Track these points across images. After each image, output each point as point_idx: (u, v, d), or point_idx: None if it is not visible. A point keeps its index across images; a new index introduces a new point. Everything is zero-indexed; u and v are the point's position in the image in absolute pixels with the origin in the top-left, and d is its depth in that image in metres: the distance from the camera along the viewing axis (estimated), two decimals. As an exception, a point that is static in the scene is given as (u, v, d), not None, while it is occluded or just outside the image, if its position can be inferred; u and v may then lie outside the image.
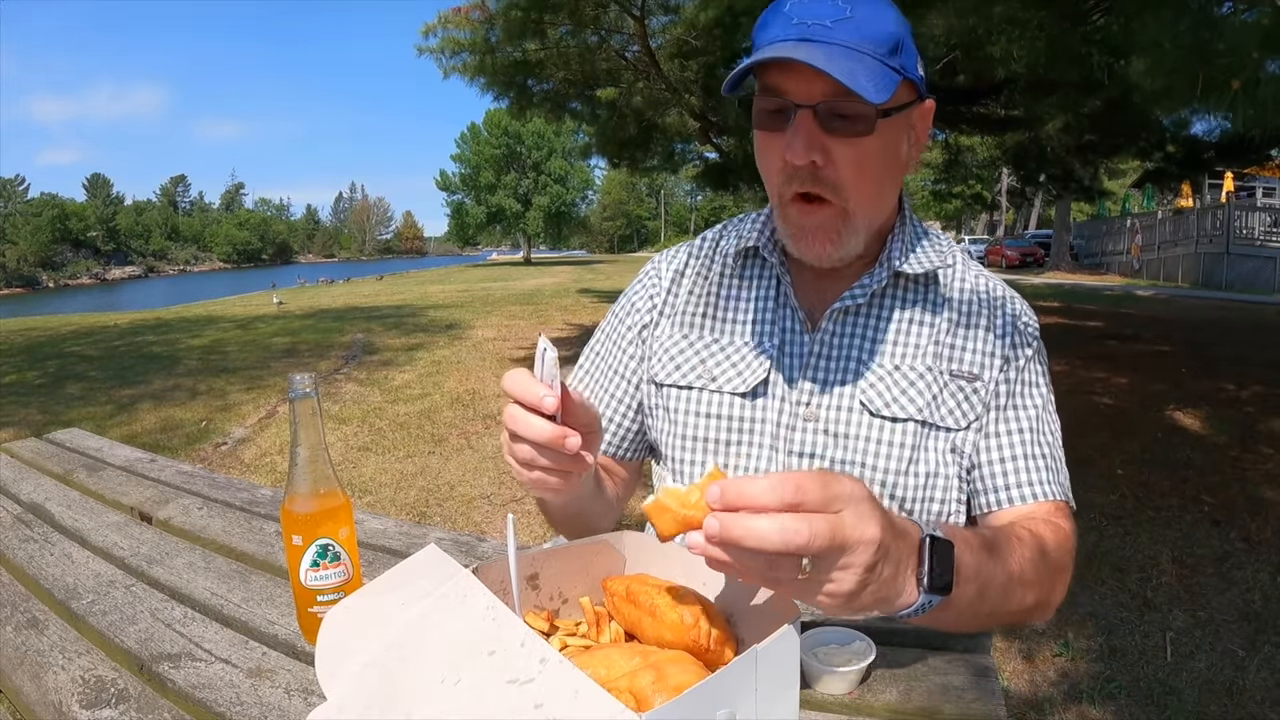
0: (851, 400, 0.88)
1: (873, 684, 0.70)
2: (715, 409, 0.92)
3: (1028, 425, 0.87)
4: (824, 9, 0.77)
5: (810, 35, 0.76)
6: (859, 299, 0.88)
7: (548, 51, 7.11)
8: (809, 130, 0.78)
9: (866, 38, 0.77)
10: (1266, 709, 2.17)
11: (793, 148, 0.78)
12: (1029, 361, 0.89)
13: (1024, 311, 0.92)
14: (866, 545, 0.52)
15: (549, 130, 40.88)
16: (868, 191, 0.82)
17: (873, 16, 0.77)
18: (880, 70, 0.76)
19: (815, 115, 0.77)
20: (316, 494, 0.77)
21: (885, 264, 0.89)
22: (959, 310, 0.90)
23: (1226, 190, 19.12)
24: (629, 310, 1.02)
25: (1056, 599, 0.77)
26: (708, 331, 0.96)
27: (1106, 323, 10.08)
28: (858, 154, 0.79)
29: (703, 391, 0.93)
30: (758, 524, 0.49)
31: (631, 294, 1.03)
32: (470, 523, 3.68)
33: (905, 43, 0.80)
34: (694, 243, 1.04)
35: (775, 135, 0.81)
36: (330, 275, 36.14)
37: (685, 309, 0.98)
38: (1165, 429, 4.86)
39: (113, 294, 48.91)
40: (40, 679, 0.75)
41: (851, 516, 0.51)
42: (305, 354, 8.44)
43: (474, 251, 72.48)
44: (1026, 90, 5.94)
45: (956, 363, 0.88)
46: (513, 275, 27.03)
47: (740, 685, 0.52)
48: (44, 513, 1.21)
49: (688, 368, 0.94)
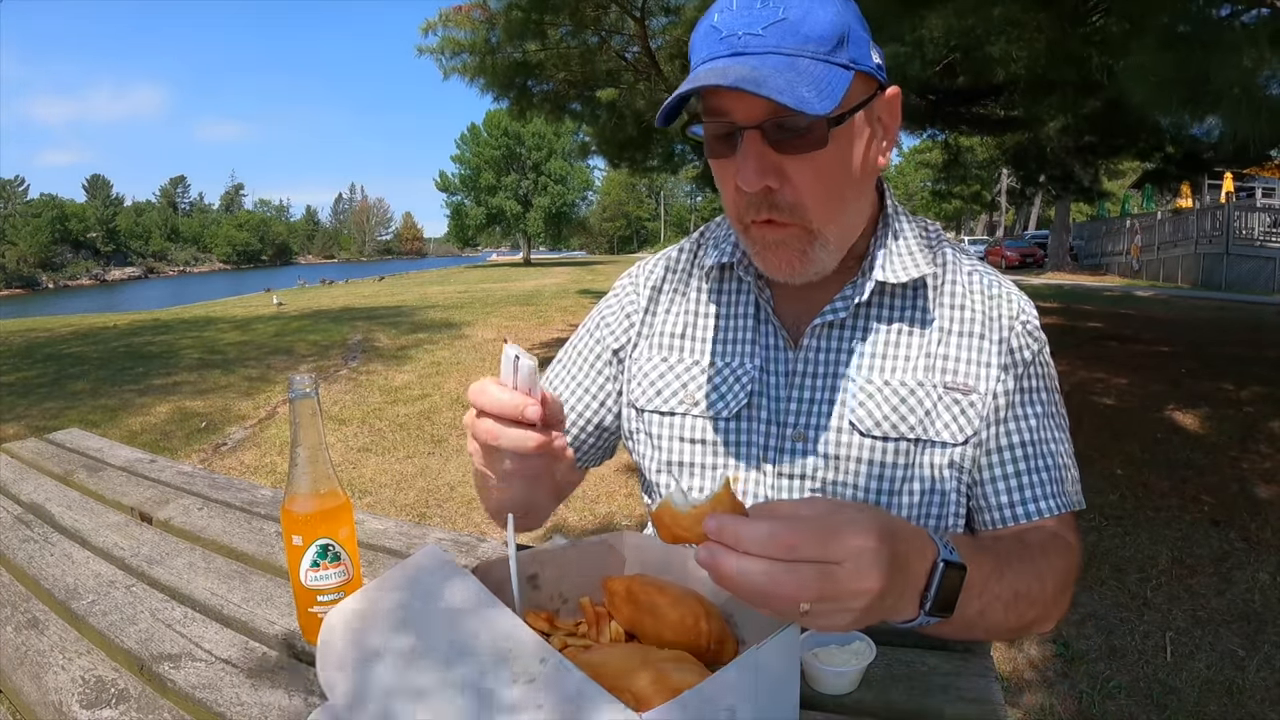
0: (840, 420, 0.83)
1: (873, 684, 0.70)
2: (699, 434, 0.88)
3: (1029, 438, 0.82)
4: (753, 16, 0.70)
5: (742, 48, 0.70)
6: (840, 313, 0.83)
7: (548, 52, 7.12)
8: (758, 152, 0.72)
9: (805, 38, 0.69)
10: (1266, 708, 2.17)
11: (743, 174, 0.72)
12: (1029, 366, 0.83)
13: (1023, 309, 0.85)
14: (863, 595, 0.51)
15: (549, 131, 40.85)
16: (832, 207, 0.76)
17: (808, 11, 0.70)
18: (825, 72, 0.70)
19: (763, 135, 0.71)
20: (316, 494, 0.77)
21: (867, 273, 0.83)
22: (951, 317, 0.84)
23: (1226, 190, 19.12)
24: (603, 328, 0.98)
25: (1058, 614, 0.75)
26: (687, 353, 0.91)
27: (1106, 323, 10.07)
28: (814, 169, 0.73)
29: (685, 416, 0.89)
30: (747, 566, 0.49)
31: (606, 310, 0.99)
32: (470, 523, 3.68)
33: (852, 31, 0.72)
34: (671, 254, 0.99)
35: (727, 161, 0.75)
36: (330, 276, 36.14)
37: (664, 329, 0.93)
38: (1165, 429, 4.86)
39: (112, 295, 48.88)
40: (40, 679, 0.75)
41: (850, 569, 0.51)
42: (305, 354, 8.44)
43: (474, 252, 72.47)
44: (1026, 91, 5.94)
45: (950, 374, 0.82)
46: (512, 276, 27.03)
47: (740, 685, 0.52)
48: (44, 513, 1.21)
49: (669, 393, 0.90)
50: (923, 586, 0.58)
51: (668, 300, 0.95)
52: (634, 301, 0.96)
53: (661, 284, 0.96)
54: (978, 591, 0.64)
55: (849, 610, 0.52)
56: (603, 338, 0.97)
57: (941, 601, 0.58)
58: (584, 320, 1.02)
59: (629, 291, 0.98)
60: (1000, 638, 0.74)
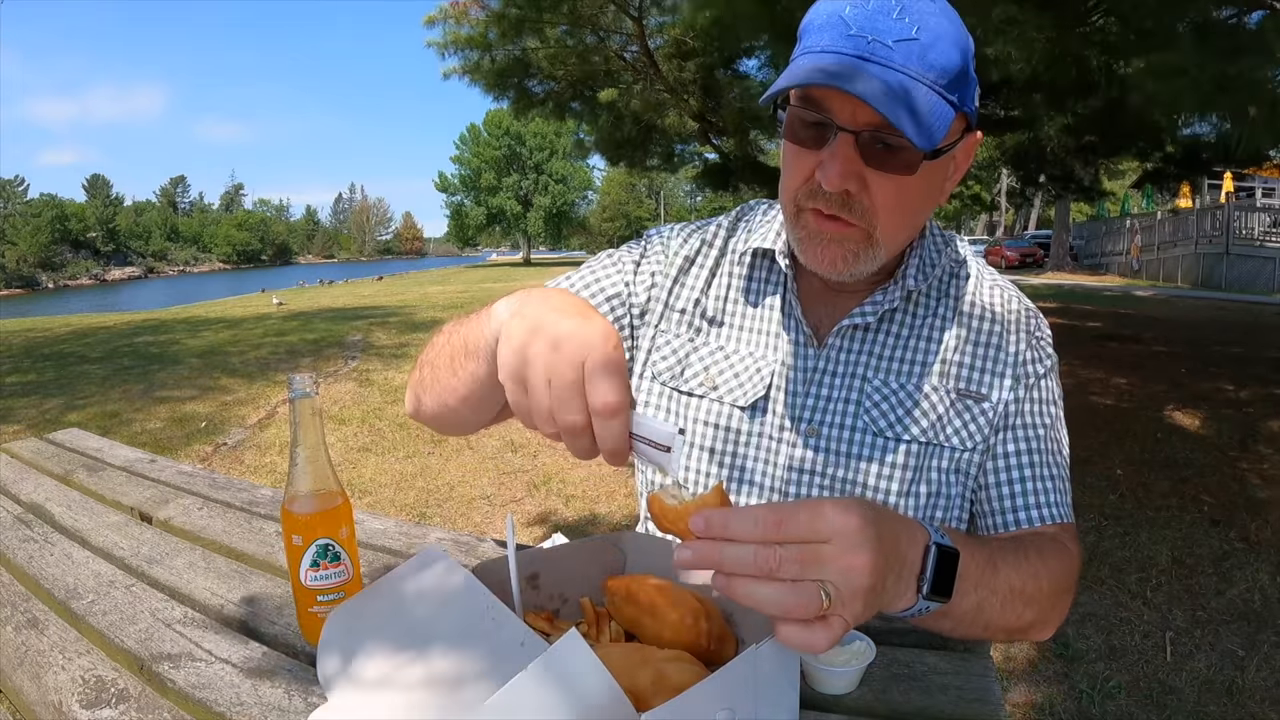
0: (855, 419, 0.85)
1: (872, 684, 0.70)
2: (715, 418, 0.89)
3: (1037, 445, 0.83)
4: (888, 25, 0.68)
5: (868, 53, 0.68)
6: (869, 317, 0.85)
7: (547, 51, 7.12)
8: (847, 157, 0.71)
9: (930, 65, 0.69)
10: (1266, 708, 2.17)
11: (827, 172, 0.71)
12: (1040, 379, 0.86)
13: (1039, 326, 0.88)
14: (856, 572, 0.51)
15: (551, 130, 40.90)
16: (900, 225, 0.78)
17: (940, 40, 0.69)
18: (938, 106, 0.69)
19: (857, 142, 0.71)
20: (316, 494, 0.77)
21: (900, 282, 0.85)
22: (970, 327, 0.87)
23: (1226, 190, 19.12)
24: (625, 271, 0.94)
25: (1057, 619, 0.76)
26: (713, 337, 0.92)
27: (1105, 323, 10.07)
28: (896, 189, 0.73)
29: (704, 400, 0.90)
30: (734, 552, 0.50)
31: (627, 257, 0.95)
32: (470, 523, 3.68)
33: (968, 72, 0.73)
34: (707, 228, 0.96)
35: (808, 151, 0.74)
36: (330, 276, 36.13)
37: (691, 306, 0.93)
38: (1164, 429, 4.86)
39: (112, 295, 48.87)
40: (40, 679, 0.75)
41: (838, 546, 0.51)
42: (305, 354, 8.43)
43: (474, 252, 72.55)
44: (1025, 91, 5.95)
45: (965, 381, 0.84)
46: (513, 276, 27.01)
47: (740, 685, 0.52)
48: (44, 513, 1.21)
49: (690, 374, 0.91)
50: (918, 570, 0.58)
51: (697, 275, 0.93)
52: (662, 265, 0.94)
53: (696, 256, 0.94)
54: (973, 583, 0.64)
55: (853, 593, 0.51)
56: (619, 281, 0.93)
57: (938, 585, 0.58)
58: (594, 259, 0.98)
59: (659, 252, 0.95)
60: (999, 637, 0.74)
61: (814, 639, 0.50)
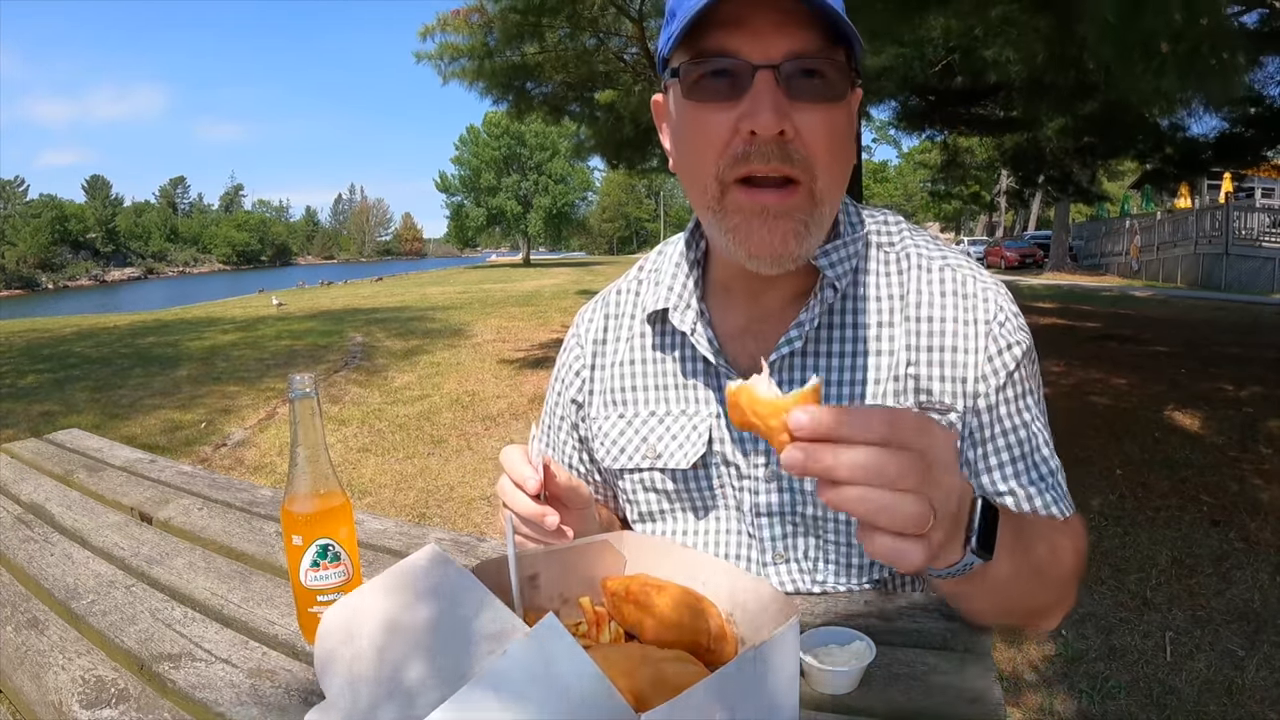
0: None
1: (873, 684, 0.70)
2: (664, 485, 0.86)
3: (1024, 450, 0.77)
4: None
5: None
6: (796, 342, 0.77)
7: (546, 54, 7.14)
8: (774, 91, 0.63)
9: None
10: (1266, 708, 2.17)
11: (757, 116, 0.63)
12: (1012, 373, 0.77)
13: (1001, 307, 0.77)
14: (953, 494, 0.49)
15: (552, 131, 40.94)
16: (836, 172, 0.69)
17: None
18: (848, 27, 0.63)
19: (778, 76, 0.63)
20: (316, 494, 0.77)
21: (818, 295, 0.77)
22: (918, 331, 0.77)
23: (1225, 191, 19.13)
24: (563, 387, 0.95)
25: (1066, 605, 0.74)
26: (643, 405, 0.87)
27: (1105, 323, 10.07)
28: (828, 125, 0.66)
29: (650, 471, 0.86)
30: (849, 456, 0.45)
31: (562, 368, 0.96)
32: (470, 523, 3.68)
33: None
34: (610, 297, 0.93)
35: (720, 107, 0.66)
36: (329, 277, 36.10)
37: (613, 384, 0.89)
38: (1164, 429, 4.86)
39: (112, 295, 48.84)
40: (40, 679, 0.75)
41: (942, 461, 0.49)
42: (305, 355, 8.43)
43: (473, 253, 72.53)
44: (1024, 92, 5.95)
45: (924, 394, 0.77)
46: (512, 276, 27.02)
47: (740, 685, 0.52)
48: (44, 513, 1.21)
49: (631, 449, 0.87)
50: (965, 522, 0.55)
51: (612, 351, 0.90)
52: (580, 359, 0.93)
53: (604, 335, 0.92)
54: (1008, 548, 0.60)
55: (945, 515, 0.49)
56: (564, 400, 0.95)
57: (983, 540, 0.55)
58: (550, 377, 1.00)
59: (574, 349, 0.94)
60: (1016, 620, 0.72)
61: (910, 554, 0.47)
